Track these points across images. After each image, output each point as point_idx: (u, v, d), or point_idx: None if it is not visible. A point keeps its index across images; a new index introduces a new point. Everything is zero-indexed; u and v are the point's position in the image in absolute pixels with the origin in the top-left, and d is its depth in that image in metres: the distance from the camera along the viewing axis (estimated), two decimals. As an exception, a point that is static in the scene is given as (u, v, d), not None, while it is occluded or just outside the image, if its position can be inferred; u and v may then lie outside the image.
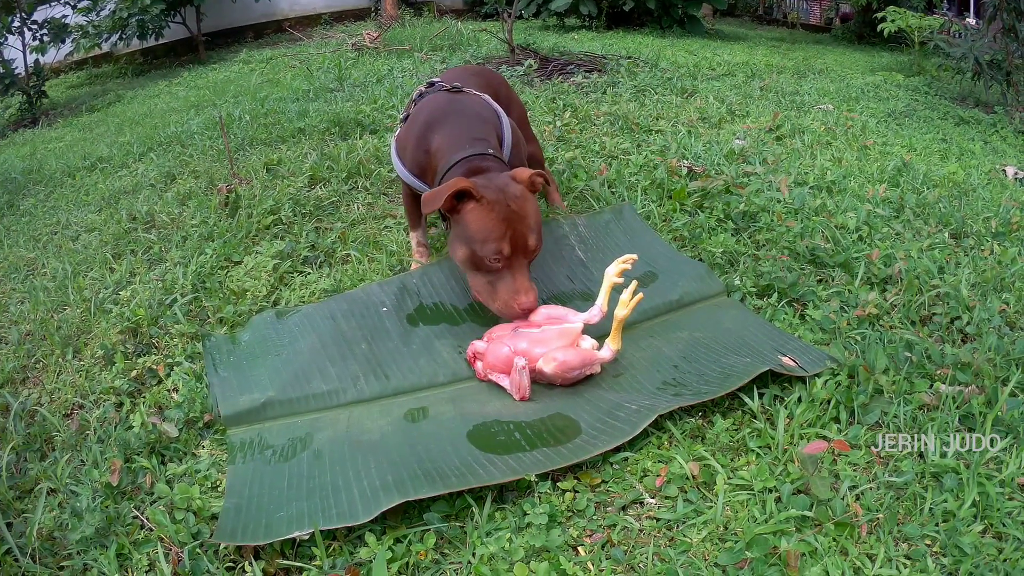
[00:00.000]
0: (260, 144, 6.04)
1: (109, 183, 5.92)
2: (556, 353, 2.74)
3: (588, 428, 2.56)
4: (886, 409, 2.56)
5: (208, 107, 8.31)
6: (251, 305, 3.47)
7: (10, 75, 10.84)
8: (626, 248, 3.56)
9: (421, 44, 10.72)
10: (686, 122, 6.09)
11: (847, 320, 3.11)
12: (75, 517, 2.38)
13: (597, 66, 8.45)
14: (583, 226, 3.74)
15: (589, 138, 5.59)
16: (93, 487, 2.50)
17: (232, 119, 6.86)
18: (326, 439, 2.61)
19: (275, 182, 4.89)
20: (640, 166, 4.78)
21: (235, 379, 2.90)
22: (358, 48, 10.85)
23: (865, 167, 5.04)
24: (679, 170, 4.59)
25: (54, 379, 3.25)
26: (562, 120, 6.04)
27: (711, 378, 2.74)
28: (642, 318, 3.14)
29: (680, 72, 8.29)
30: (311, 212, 4.43)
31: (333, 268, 3.80)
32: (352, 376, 2.91)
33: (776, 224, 3.91)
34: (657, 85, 7.54)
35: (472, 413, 2.70)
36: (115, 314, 3.54)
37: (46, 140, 8.98)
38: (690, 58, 9.63)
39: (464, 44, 10.60)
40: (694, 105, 6.71)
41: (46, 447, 2.82)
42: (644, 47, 10.47)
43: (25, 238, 5.07)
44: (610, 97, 6.98)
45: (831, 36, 17.58)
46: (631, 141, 5.50)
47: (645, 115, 6.24)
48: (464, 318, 3.22)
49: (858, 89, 8.35)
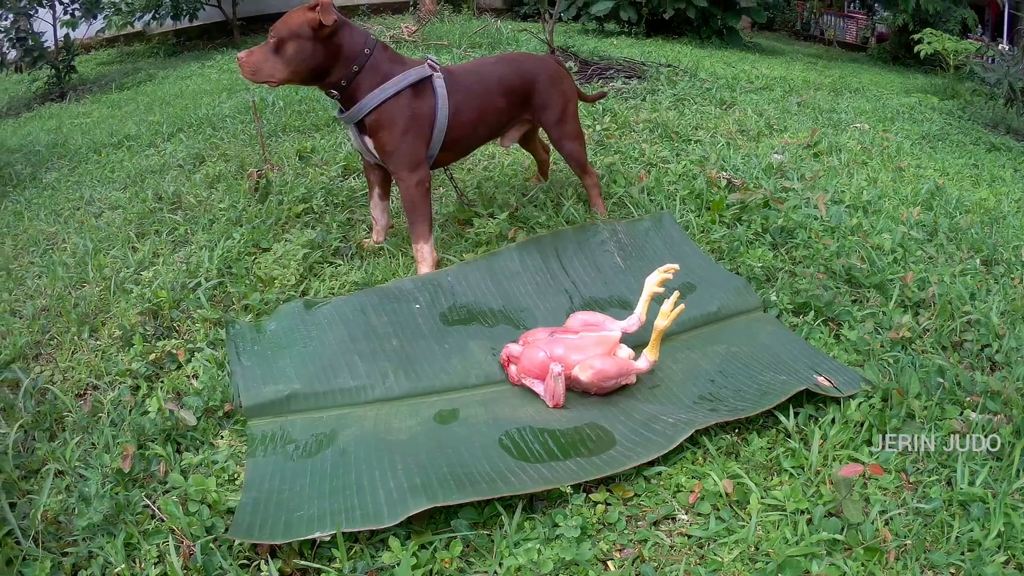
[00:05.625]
0: (293, 131, 6.06)
1: (136, 161, 5.95)
2: (593, 361, 2.73)
3: (623, 439, 2.55)
4: (917, 434, 2.57)
5: (241, 91, 8.34)
6: (279, 294, 3.46)
7: (39, 48, 10.90)
8: (665, 257, 3.58)
9: (460, 40, 10.73)
10: (725, 133, 6.11)
11: (881, 342, 3.13)
12: (83, 502, 2.37)
13: (636, 72, 8.48)
14: (623, 233, 3.74)
15: (628, 144, 5.60)
16: (103, 472, 2.49)
17: (265, 104, 6.89)
18: (352, 437, 2.59)
19: (307, 170, 4.90)
20: (679, 175, 4.80)
21: (259, 369, 2.89)
22: (396, 41, 10.87)
23: (899, 188, 5.04)
24: (718, 181, 4.60)
25: (68, 357, 3.25)
26: (602, 124, 6.05)
27: (748, 394, 2.75)
28: (679, 329, 3.12)
29: (719, 83, 8.31)
30: (343, 203, 4.43)
31: (365, 261, 3.79)
32: (381, 373, 2.89)
33: (813, 241, 3.93)
34: (696, 95, 7.57)
35: (504, 418, 2.69)
36: (136, 295, 3.54)
37: (73, 115, 9.04)
38: (728, 70, 9.67)
39: (503, 43, 10.61)
40: (733, 117, 6.73)
41: (56, 427, 2.82)
42: (683, 56, 10.50)
43: (46, 212, 5.09)
44: (649, 104, 7.00)
45: (867, 55, 17.72)
46: (670, 149, 5.51)
47: (684, 124, 6.26)
48: (498, 319, 3.22)
49: (893, 110, 8.34)
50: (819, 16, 24.64)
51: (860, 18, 23.60)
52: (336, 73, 3.37)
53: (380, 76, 3.41)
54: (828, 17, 24.45)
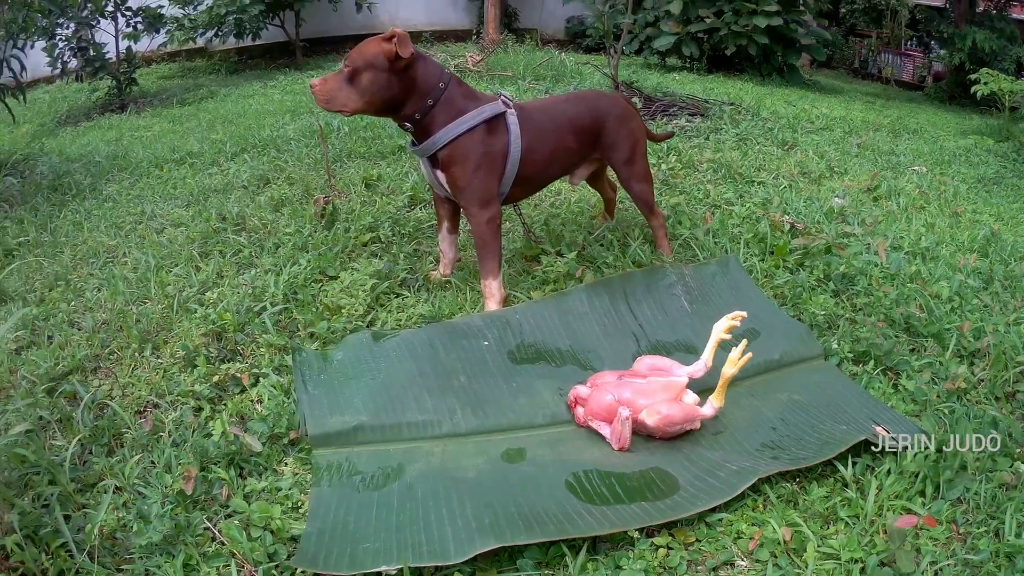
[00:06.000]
0: (358, 157, 6.10)
1: (198, 179, 6.02)
2: (660, 406, 2.73)
3: (687, 485, 2.55)
4: (968, 485, 2.57)
5: (304, 114, 8.42)
6: (345, 323, 3.47)
7: (101, 58, 11.07)
8: (731, 302, 3.57)
9: (524, 72, 10.78)
10: (787, 175, 6.11)
11: (937, 392, 3.12)
12: (141, 520, 2.38)
13: (700, 110, 8.50)
14: (690, 277, 3.74)
15: (693, 184, 5.62)
16: (163, 491, 2.51)
17: (330, 129, 6.95)
18: (419, 472, 2.60)
19: (374, 198, 4.93)
20: (743, 217, 4.80)
21: (325, 398, 2.90)
22: (460, 70, 10.93)
23: (956, 234, 5.00)
24: (782, 226, 4.60)
25: (128, 373, 3.27)
26: (668, 164, 6.07)
27: (809, 443, 2.75)
28: (743, 376, 3.10)
29: (780, 123, 8.34)
30: (410, 233, 4.46)
31: (431, 293, 3.80)
32: (449, 409, 2.90)
33: (874, 289, 3.92)
34: (758, 134, 7.60)
35: (570, 459, 2.69)
36: (199, 315, 3.57)
37: (133, 127, 9.17)
38: (789, 109, 9.69)
39: (567, 76, 10.67)
40: (794, 158, 6.72)
41: (114, 443, 2.84)
42: (744, 93, 10.52)
43: (107, 224, 5.15)
44: (713, 143, 7.02)
45: (924, 94, 17.82)
46: (734, 191, 5.53)
47: (747, 165, 6.27)
48: (565, 360, 3.22)
49: (950, 152, 8.31)
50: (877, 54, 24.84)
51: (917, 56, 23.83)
52: (410, 106, 3.38)
53: (455, 111, 3.42)
54: (885, 55, 24.73)
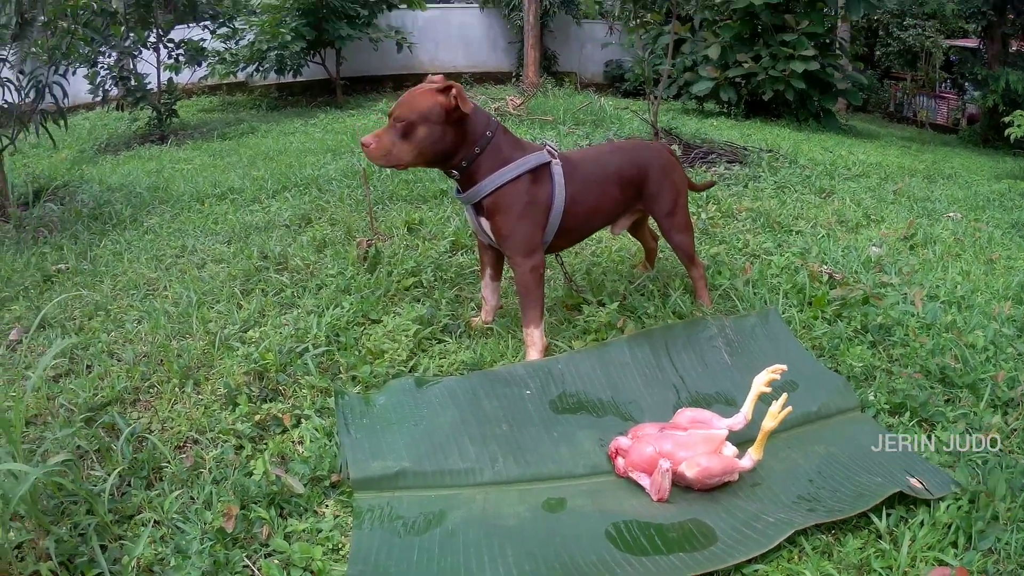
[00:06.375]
0: (400, 200, 6.17)
1: (240, 216, 6.10)
2: (700, 459, 2.75)
3: (724, 536, 2.57)
4: (1000, 535, 2.56)
5: (346, 153, 8.52)
6: (388, 368, 3.50)
7: (142, 88, 11.26)
8: (770, 354, 3.58)
9: (564, 117, 10.85)
10: (825, 224, 6.14)
11: (971, 443, 3.12)
12: (179, 555, 2.42)
13: (738, 157, 8.60)
14: (730, 329, 3.75)
15: (732, 233, 5.66)
16: (203, 528, 2.54)
17: (372, 171, 7.00)
18: (461, 519, 2.62)
19: (416, 242, 4.97)
20: (782, 268, 4.81)
21: (367, 442, 2.93)
22: (501, 114, 11.01)
23: (991, 282, 5.00)
24: (820, 276, 4.63)
25: (168, 408, 3.32)
26: (707, 213, 6.12)
27: (844, 496, 2.76)
28: (781, 428, 3.10)
29: (817, 170, 8.42)
30: (452, 279, 4.51)
31: (473, 340, 3.83)
32: (491, 457, 2.92)
33: (910, 339, 3.92)
34: (796, 182, 7.67)
35: (610, 509, 2.71)
36: (241, 353, 3.62)
37: (174, 159, 9.31)
38: (826, 155, 9.77)
39: (606, 121, 10.73)
40: (832, 206, 6.77)
41: (153, 476, 2.87)
42: (782, 139, 10.61)
43: (147, 256, 5.23)
44: (752, 191, 7.08)
45: (958, 137, 17.82)
46: (772, 240, 5.56)
47: (785, 214, 6.31)
48: (606, 410, 3.24)
49: (984, 197, 8.33)
50: (912, 97, 24.93)
51: (951, 98, 23.86)
52: (459, 155, 3.42)
53: (500, 159, 3.47)
54: (920, 98, 24.80)
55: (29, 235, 5.95)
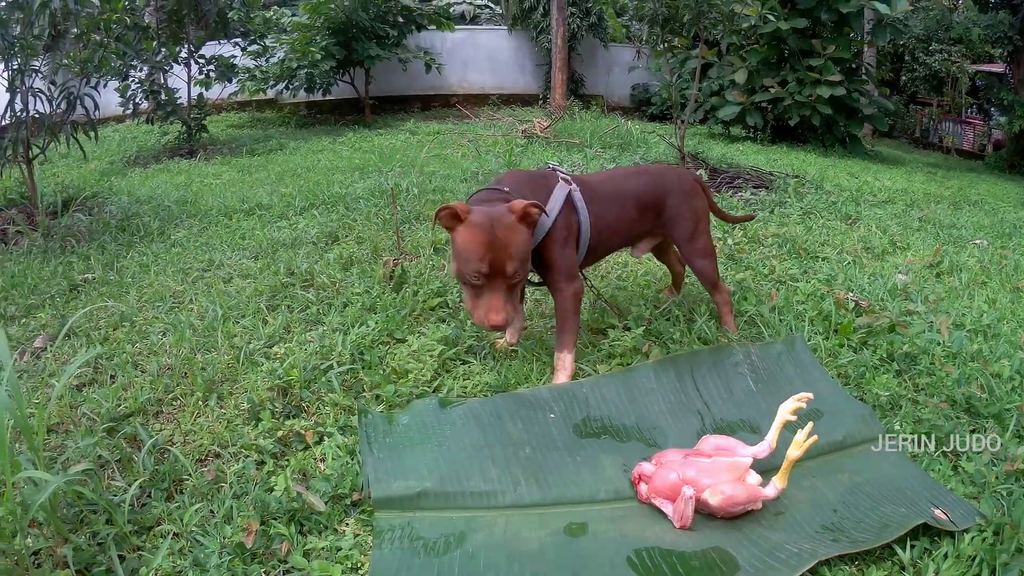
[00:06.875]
0: (427, 220, 6.17)
1: (267, 232, 6.13)
2: (724, 487, 2.73)
3: (747, 565, 2.54)
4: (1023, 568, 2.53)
5: (373, 172, 8.55)
6: (412, 388, 3.50)
7: (172, 103, 11.35)
8: (795, 382, 3.57)
9: (591, 139, 10.87)
10: (851, 250, 6.13)
11: (996, 474, 3.08)
12: (198, 568, 2.43)
13: (764, 183, 8.61)
14: (756, 356, 3.74)
15: (758, 260, 5.65)
16: (222, 542, 2.54)
17: (399, 190, 7.05)
18: (481, 541, 2.61)
19: (442, 263, 4.97)
20: (808, 294, 4.79)
21: (390, 462, 2.93)
22: (528, 135, 11.03)
23: (1017, 310, 4.96)
24: (846, 303, 4.61)
25: (191, 421, 3.33)
26: (733, 239, 6.11)
27: (868, 526, 2.74)
28: (805, 457, 3.08)
29: (843, 196, 8.41)
30: (477, 301, 4.47)
31: (498, 362, 3.82)
32: (513, 480, 2.91)
33: (936, 368, 3.89)
34: (822, 208, 7.67)
35: (632, 536, 2.69)
36: (265, 368, 3.63)
37: (202, 174, 9.38)
38: (852, 181, 9.77)
39: (633, 144, 10.75)
40: (858, 233, 6.76)
41: (174, 488, 2.88)
42: (808, 165, 10.61)
43: (173, 269, 5.27)
44: (778, 217, 7.08)
45: (984, 163, 17.76)
46: (798, 266, 5.54)
47: (811, 240, 6.30)
48: (630, 435, 3.22)
49: (1010, 224, 8.28)
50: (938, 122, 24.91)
51: (977, 124, 23.83)
52: None
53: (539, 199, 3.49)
54: (946, 123, 24.77)
55: (57, 244, 6.01)
